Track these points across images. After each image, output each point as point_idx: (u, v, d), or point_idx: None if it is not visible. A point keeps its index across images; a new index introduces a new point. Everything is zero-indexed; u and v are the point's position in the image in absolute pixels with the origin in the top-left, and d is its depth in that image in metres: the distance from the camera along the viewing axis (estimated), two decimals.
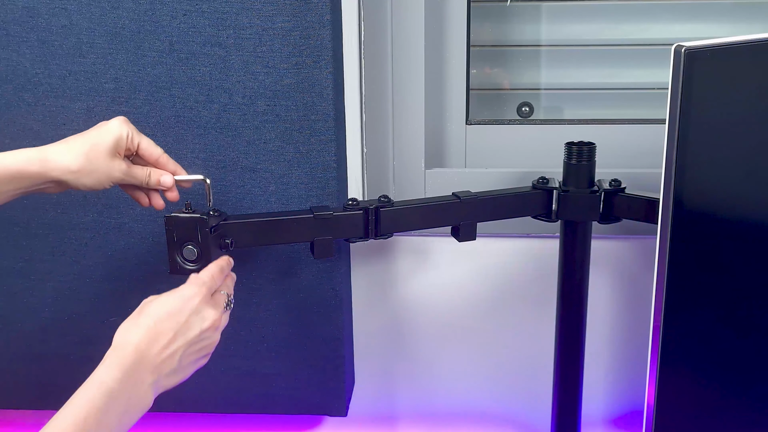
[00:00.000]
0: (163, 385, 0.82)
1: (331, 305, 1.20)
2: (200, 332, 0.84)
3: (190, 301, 0.85)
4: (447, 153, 1.28)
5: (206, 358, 0.88)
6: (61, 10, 1.08)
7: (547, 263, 1.22)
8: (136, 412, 0.79)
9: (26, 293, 1.22)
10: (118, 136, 0.92)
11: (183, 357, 0.83)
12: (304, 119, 1.10)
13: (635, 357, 1.27)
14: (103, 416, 0.74)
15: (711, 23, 1.28)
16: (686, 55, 0.80)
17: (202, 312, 0.85)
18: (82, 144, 0.91)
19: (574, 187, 1.08)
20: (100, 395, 0.75)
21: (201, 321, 0.84)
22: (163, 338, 0.81)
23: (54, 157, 0.89)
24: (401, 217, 1.06)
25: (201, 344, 0.85)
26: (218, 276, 0.91)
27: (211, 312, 0.86)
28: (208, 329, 0.85)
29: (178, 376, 0.84)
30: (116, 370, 0.77)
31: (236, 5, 1.06)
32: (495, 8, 1.30)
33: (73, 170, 0.90)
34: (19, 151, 0.90)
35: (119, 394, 0.76)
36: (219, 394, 1.26)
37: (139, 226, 1.16)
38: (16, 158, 0.89)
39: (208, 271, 0.90)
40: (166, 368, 0.81)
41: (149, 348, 0.80)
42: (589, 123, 1.26)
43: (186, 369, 0.85)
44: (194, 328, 0.84)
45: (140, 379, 0.79)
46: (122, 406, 0.77)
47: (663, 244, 0.88)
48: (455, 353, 1.31)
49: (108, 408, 0.75)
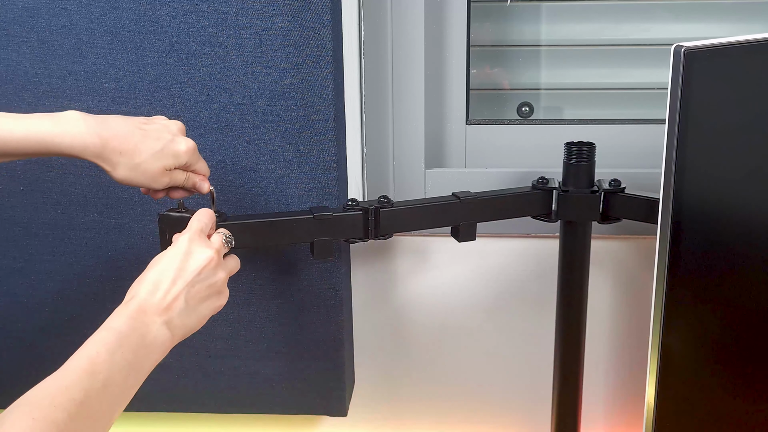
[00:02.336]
0: (179, 324, 0.84)
1: (331, 305, 1.20)
2: (197, 270, 0.86)
3: (181, 245, 0.87)
4: (447, 153, 1.28)
5: (220, 297, 0.89)
6: (61, 10, 1.08)
7: (547, 263, 1.22)
8: (154, 351, 0.81)
9: (26, 293, 1.22)
10: (179, 164, 0.92)
11: (188, 297, 0.85)
12: (304, 119, 1.10)
13: (635, 357, 1.27)
14: (117, 351, 0.77)
15: (711, 23, 1.28)
16: (686, 55, 0.80)
17: (195, 253, 0.87)
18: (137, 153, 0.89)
19: (574, 187, 1.08)
20: (110, 335, 0.78)
21: (195, 261, 0.86)
22: (163, 285, 0.84)
23: (104, 163, 0.89)
24: (401, 218, 1.06)
25: (204, 282, 0.87)
26: (206, 219, 0.92)
27: (204, 250, 0.87)
28: (204, 267, 0.86)
29: (192, 316, 0.86)
30: (124, 317, 0.80)
31: (236, 5, 1.06)
32: (495, 8, 1.30)
33: (118, 177, 0.90)
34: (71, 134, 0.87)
35: (130, 333, 0.79)
36: (219, 394, 1.26)
37: (139, 226, 1.16)
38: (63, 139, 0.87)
39: (195, 217, 0.92)
40: (176, 309, 0.83)
41: (152, 296, 0.83)
42: (589, 123, 1.26)
43: (199, 309, 0.86)
44: (190, 269, 0.86)
45: (150, 320, 0.81)
46: (135, 344, 0.79)
47: (663, 244, 0.88)
48: (455, 353, 1.31)
49: (121, 344, 0.78)
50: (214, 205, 0.99)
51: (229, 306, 1.19)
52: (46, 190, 1.16)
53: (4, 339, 1.24)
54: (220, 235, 0.92)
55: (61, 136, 0.86)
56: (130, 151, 0.89)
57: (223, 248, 0.91)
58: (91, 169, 1.14)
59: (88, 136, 0.87)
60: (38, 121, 0.87)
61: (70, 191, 1.16)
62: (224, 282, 0.90)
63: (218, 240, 0.91)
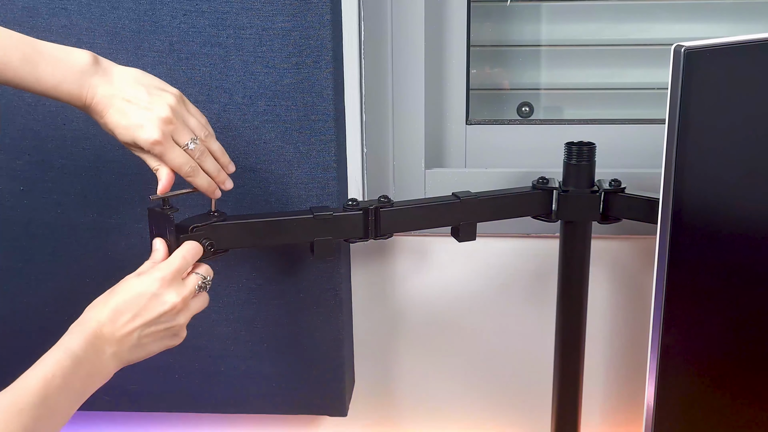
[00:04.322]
0: (126, 358, 0.86)
1: (331, 305, 1.20)
2: (158, 315, 0.86)
3: (152, 284, 0.87)
4: (447, 153, 1.28)
5: (174, 338, 0.90)
6: (61, 10, 1.08)
7: (547, 263, 1.22)
8: (98, 379, 0.83)
9: (26, 293, 1.22)
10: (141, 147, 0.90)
11: (142, 336, 0.86)
12: (304, 119, 1.10)
13: (635, 357, 1.27)
14: (69, 377, 0.79)
15: (711, 23, 1.28)
16: (686, 55, 0.80)
17: (163, 296, 0.87)
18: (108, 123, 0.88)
19: (574, 187, 1.07)
20: (66, 358, 0.80)
21: (160, 305, 0.86)
22: (123, 317, 0.85)
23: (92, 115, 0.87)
24: (401, 218, 1.06)
25: (161, 326, 0.87)
26: (190, 258, 0.91)
27: (171, 296, 0.87)
28: (166, 313, 0.87)
29: (141, 352, 0.87)
30: (80, 339, 0.82)
31: (236, 5, 1.06)
32: (495, 8, 1.30)
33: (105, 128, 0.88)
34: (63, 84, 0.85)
35: (84, 358, 0.81)
36: (219, 394, 1.26)
37: (139, 226, 1.16)
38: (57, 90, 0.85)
39: (179, 252, 0.91)
40: (127, 344, 0.85)
41: (109, 324, 0.84)
42: (589, 123, 1.26)
43: (148, 347, 0.88)
44: (152, 311, 0.86)
45: (101, 348, 0.83)
46: (86, 371, 0.81)
47: (663, 244, 0.88)
48: (455, 353, 1.31)
49: (74, 370, 0.79)
50: (213, 204, 0.98)
51: (229, 306, 1.20)
52: (46, 190, 1.16)
53: (4, 339, 1.24)
54: (196, 278, 0.91)
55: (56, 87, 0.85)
56: (103, 117, 0.87)
57: (194, 293, 0.91)
58: (91, 169, 1.14)
59: (74, 96, 0.86)
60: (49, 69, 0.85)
61: (70, 191, 1.16)
62: (183, 326, 0.90)
63: (192, 284, 0.90)
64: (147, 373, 1.21)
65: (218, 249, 0.98)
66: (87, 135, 1.12)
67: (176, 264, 0.89)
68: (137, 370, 0.90)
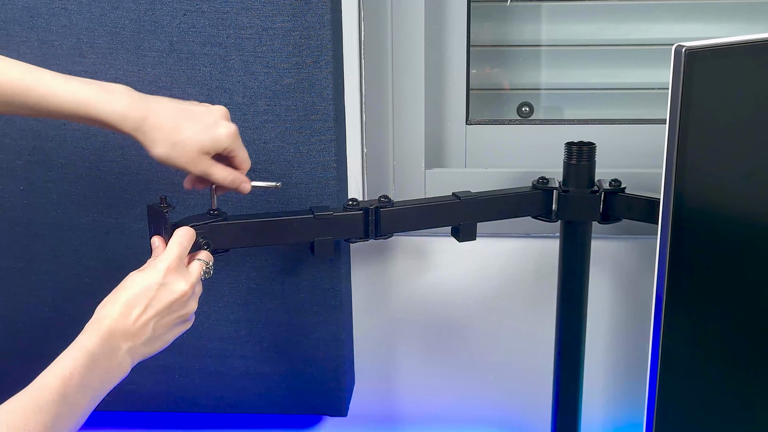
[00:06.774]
0: (141, 352, 0.86)
1: (331, 305, 1.20)
2: (170, 303, 0.87)
3: (158, 275, 0.87)
4: (447, 153, 1.28)
5: (185, 324, 0.91)
6: (61, 10, 1.08)
7: (547, 263, 1.22)
8: (115, 376, 0.84)
9: (26, 293, 1.22)
10: (219, 147, 0.92)
11: (156, 327, 0.86)
12: (304, 119, 1.10)
13: (635, 357, 1.27)
14: (87, 375, 0.79)
15: (711, 23, 1.28)
16: (686, 55, 0.80)
17: (171, 285, 0.87)
18: (176, 131, 0.89)
19: (574, 187, 1.08)
20: (83, 356, 0.80)
21: (170, 293, 0.87)
22: (135, 311, 0.85)
23: (143, 138, 0.88)
24: (401, 217, 1.06)
25: (174, 315, 0.88)
26: (186, 243, 0.92)
27: (180, 284, 0.88)
28: (176, 300, 0.87)
29: (156, 344, 0.88)
30: (96, 337, 0.82)
31: (236, 5, 1.06)
32: (495, 8, 1.30)
33: (155, 154, 0.89)
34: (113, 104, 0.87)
35: (100, 357, 0.81)
36: (219, 394, 1.26)
37: (139, 226, 1.16)
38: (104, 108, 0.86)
39: (175, 239, 0.92)
40: (141, 337, 0.85)
41: (122, 319, 0.84)
42: (589, 123, 1.26)
43: (163, 337, 0.88)
44: (162, 300, 0.86)
45: (116, 345, 0.83)
46: (102, 369, 0.81)
47: (663, 244, 0.88)
48: (455, 353, 1.31)
49: (91, 368, 0.80)
50: (214, 202, 0.98)
51: (229, 306, 1.20)
52: (46, 190, 1.16)
53: (4, 339, 1.24)
54: (200, 265, 0.92)
55: (103, 104, 0.86)
56: (169, 128, 0.89)
57: (199, 278, 0.92)
58: (92, 169, 1.14)
59: (129, 109, 0.87)
60: (85, 87, 0.87)
61: (70, 191, 1.16)
62: (193, 311, 0.91)
63: (197, 270, 0.91)
64: (147, 373, 1.21)
65: (218, 249, 0.98)
66: (87, 135, 1.13)
67: (176, 252, 0.90)
68: (137, 369, 0.90)
